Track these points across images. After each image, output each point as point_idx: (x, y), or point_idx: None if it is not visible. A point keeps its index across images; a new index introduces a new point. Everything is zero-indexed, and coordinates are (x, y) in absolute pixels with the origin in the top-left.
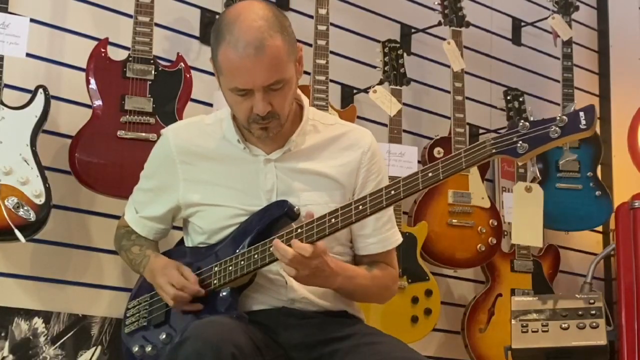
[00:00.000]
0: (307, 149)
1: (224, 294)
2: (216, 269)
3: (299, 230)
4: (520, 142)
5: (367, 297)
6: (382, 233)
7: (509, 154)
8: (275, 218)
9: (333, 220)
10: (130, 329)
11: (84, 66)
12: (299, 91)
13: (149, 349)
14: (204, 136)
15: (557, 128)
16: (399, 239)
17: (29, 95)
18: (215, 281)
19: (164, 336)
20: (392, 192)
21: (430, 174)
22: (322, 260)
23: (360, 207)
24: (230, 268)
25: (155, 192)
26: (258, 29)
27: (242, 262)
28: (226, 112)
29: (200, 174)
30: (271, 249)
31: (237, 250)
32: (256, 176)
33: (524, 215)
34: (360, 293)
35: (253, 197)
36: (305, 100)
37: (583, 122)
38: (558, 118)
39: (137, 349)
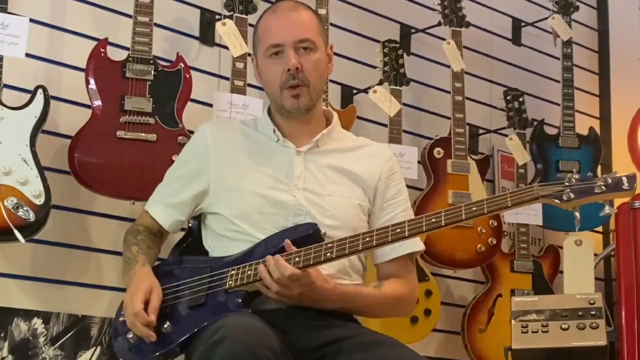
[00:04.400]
0: (334, 150)
1: (236, 294)
2: (232, 272)
3: (301, 253)
4: (568, 190)
5: (381, 312)
6: None
7: (554, 199)
8: (301, 237)
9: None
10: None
11: (84, 66)
12: (330, 109)
13: None
14: (239, 131)
15: (602, 185)
16: (420, 244)
17: (28, 96)
18: (230, 282)
19: (166, 325)
20: (434, 219)
21: (474, 208)
22: (310, 287)
23: (399, 229)
24: (249, 272)
25: (185, 178)
26: (295, 2)
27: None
28: (262, 113)
29: (232, 159)
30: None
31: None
32: (286, 164)
33: (575, 268)
34: (370, 310)
35: (282, 183)
36: (335, 115)
37: (626, 184)
38: (603, 178)
39: (132, 334)
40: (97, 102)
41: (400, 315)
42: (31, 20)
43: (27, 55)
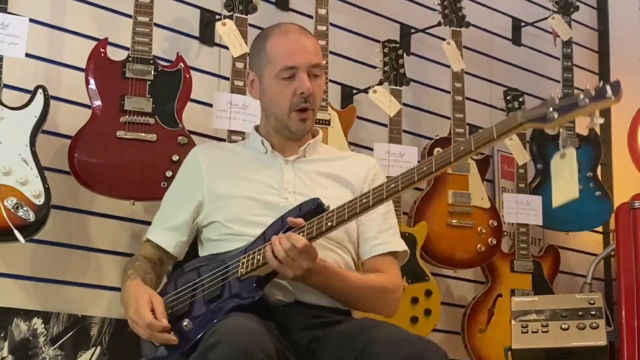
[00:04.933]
0: (320, 159)
1: (249, 280)
2: (243, 259)
3: (304, 228)
4: (551, 109)
5: (364, 300)
6: (386, 237)
7: (538, 121)
8: (305, 214)
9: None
10: None
11: (84, 66)
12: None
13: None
14: (228, 149)
15: (586, 98)
16: (402, 245)
17: (28, 96)
18: (242, 270)
19: (185, 322)
20: (425, 167)
21: (462, 148)
22: (314, 261)
23: (393, 184)
24: (259, 257)
25: (180, 197)
26: (299, 26)
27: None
28: (248, 134)
29: (224, 172)
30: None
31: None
32: (276, 172)
33: (561, 178)
34: (353, 296)
35: (273, 188)
36: (320, 132)
37: (609, 92)
38: (587, 90)
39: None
40: (97, 102)
41: (385, 310)
42: (31, 20)
43: (27, 55)
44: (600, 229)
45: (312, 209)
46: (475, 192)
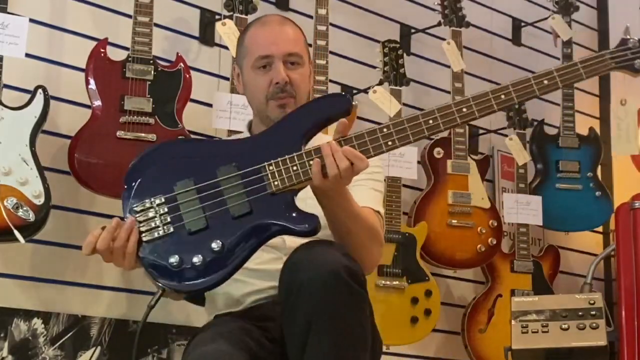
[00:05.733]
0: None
1: (285, 196)
2: (271, 168)
3: (354, 142)
4: (638, 58)
5: (358, 230)
6: (365, 202)
7: (627, 69)
8: (335, 114)
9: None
10: (151, 236)
11: (84, 66)
12: None
13: (197, 259)
14: None
15: None
16: (377, 208)
17: (28, 96)
18: (276, 183)
19: (217, 245)
20: (503, 96)
21: (545, 82)
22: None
23: (465, 108)
24: (295, 168)
25: None
26: (281, 16)
27: (312, 163)
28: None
29: None
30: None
31: (301, 148)
32: None
33: (622, 128)
34: (354, 222)
35: None
36: None
37: None
38: None
39: (174, 259)
40: (97, 102)
41: (368, 249)
42: (31, 20)
43: (27, 55)
44: (600, 229)
45: (345, 111)
46: (475, 192)
